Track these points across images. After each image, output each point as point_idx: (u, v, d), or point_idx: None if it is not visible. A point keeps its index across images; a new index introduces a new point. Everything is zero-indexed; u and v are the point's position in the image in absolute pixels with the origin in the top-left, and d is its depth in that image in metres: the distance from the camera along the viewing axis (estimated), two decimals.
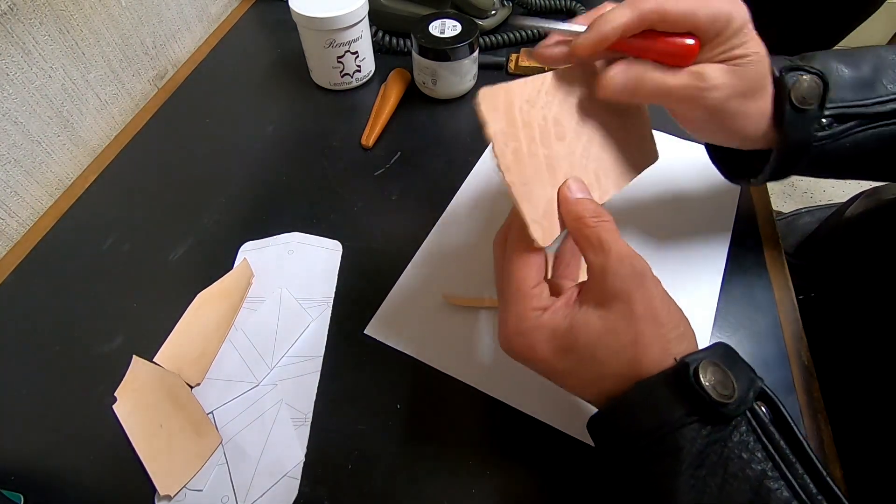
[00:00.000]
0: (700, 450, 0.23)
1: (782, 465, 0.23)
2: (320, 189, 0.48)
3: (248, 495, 0.32)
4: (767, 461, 0.23)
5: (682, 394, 0.24)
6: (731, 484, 0.23)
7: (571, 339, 0.27)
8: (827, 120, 0.32)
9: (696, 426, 0.23)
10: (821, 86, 0.31)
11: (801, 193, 1.56)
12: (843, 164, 0.34)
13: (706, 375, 0.23)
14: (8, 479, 0.33)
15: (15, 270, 0.43)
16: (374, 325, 0.39)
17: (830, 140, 0.32)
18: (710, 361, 0.24)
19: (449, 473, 0.33)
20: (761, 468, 0.23)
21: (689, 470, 0.23)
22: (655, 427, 0.24)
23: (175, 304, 0.40)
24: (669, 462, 0.23)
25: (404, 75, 0.56)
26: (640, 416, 0.25)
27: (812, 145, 0.32)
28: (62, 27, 0.47)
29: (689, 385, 0.23)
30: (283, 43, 0.63)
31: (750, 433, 0.24)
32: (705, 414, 0.23)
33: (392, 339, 0.38)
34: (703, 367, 0.24)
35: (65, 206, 0.48)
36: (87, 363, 0.38)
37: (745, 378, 0.25)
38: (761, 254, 0.42)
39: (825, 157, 0.33)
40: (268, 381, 0.37)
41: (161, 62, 0.60)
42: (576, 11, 0.64)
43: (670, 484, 0.23)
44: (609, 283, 0.26)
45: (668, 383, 0.24)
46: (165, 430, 0.34)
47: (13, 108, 0.45)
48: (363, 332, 0.39)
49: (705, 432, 0.23)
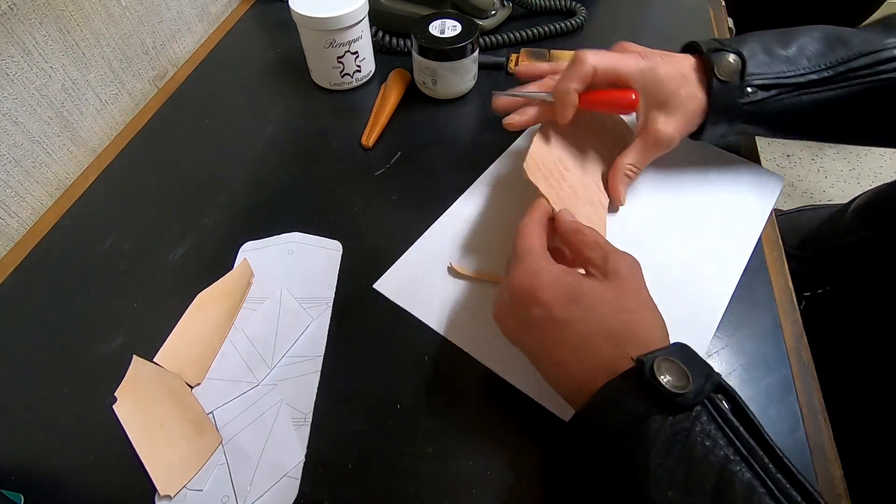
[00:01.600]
0: (665, 439, 0.25)
1: (743, 449, 0.25)
2: (320, 189, 0.48)
3: (248, 495, 0.32)
4: (729, 447, 0.25)
5: (642, 389, 0.26)
6: (696, 470, 0.24)
7: (577, 289, 0.30)
8: (752, 89, 0.39)
9: (659, 417, 0.25)
10: (739, 63, 0.39)
11: (801, 194, 1.56)
12: (774, 123, 0.41)
13: (660, 371, 0.26)
14: (8, 479, 0.33)
15: (15, 270, 0.43)
16: (384, 281, 0.41)
17: (754, 105, 0.39)
18: (664, 358, 0.26)
19: (449, 473, 0.33)
20: (724, 454, 0.24)
21: (656, 458, 0.25)
22: (624, 421, 0.26)
23: (175, 304, 0.40)
24: (639, 454, 0.25)
25: (404, 75, 0.56)
26: (610, 413, 0.27)
27: (737, 109, 0.40)
28: (62, 27, 0.47)
29: (647, 381, 0.26)
30: (283, 43, 0.63)
31: (711, 422, 0.25)
32: (666, 405, 0.25)
33: (400, 297, 0.40)
34: (657, 364, 0.26)
35: (65, 206, 0.48)
36: (87, 363, 0.38)
37: (700, 373, 0.26)
38: (761, 253, 0.42)
39: (754, 117, 0.40)
40: (268, 381, 0.37)
41: (161, 62, 0.60)
42: (575, 11, 0.64)
43: (641, 475, 0.25)
44: (610, 264, 0.31)
45: (629, 381, 0.27)
46: (165, 430, 0.34)
47: (13, 108, 0.45)
48: (373, 286, 0.41)
49: (668, 422, 0.25)
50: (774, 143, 1.74)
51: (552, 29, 0.62)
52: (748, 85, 0.39)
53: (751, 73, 0.39)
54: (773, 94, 0.39)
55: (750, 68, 0.39)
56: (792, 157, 1.69)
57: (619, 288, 0.30)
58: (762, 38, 0.40)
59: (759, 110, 0.40)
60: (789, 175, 1.63)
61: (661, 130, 0.41)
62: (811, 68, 0.39)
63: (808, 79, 0.39)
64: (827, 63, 0.38)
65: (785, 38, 0.40)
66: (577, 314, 0.30)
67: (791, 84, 0.39)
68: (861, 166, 1.60)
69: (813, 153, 1.70)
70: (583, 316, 0.29)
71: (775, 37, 0.40)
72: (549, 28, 0.61)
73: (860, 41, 0.38)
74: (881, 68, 0.37)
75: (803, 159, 1.68)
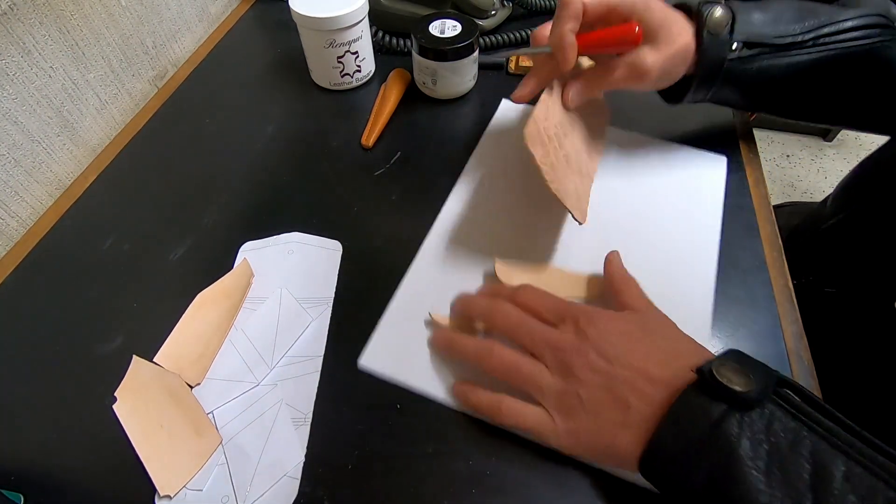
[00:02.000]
0: (750, 443, 0.25)
1: (826, 434, 0.25)
2: (320, 189, 0.48)
3: (248, 495, 0.32)
4: (813, 434, 0.25)
5: (711, 395, 0.26)
6: (789, 462, 0.25)
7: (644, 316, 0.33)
8: (738, 44, 0.40)
9: (735, 419, 0.26)
10: (730, 16, 0.39)
11: (801, 194, 1.56)
12: (751, 88, 0.42)
13: (721, 375, 0.26)
14: (8, 479, 0.33)
15: (15, 270, 0.43)
16: (369, 356, 0.37)
17: (739, 62, 0.40)
18: (721, 363, 0.27)
19: (449, 473, 0.33)
20: (809, 442, 0.25)
21: (749, 463, 0.25)
22: (703, 429, 0.26)
23: (175, 304, 0.40)
24: (730, 465, 0.25)
25: (404, 75, 0.56)
26: (687, 426, 0.27)
27: (725, 65, 0.40)
28: (62, 27, 0.47)
29: (714, 386, 0.26)
30: (283, 43, 0.63)
31: (787, 416, 0.26)
32: (738, 404, 0.26)
33: (388, 369, 0.36)
34: (716, 370, 0.26)
35: (65, 206, 0.48)
36: (87, 363, 0.38)
37: (759, 370, 0.27)
38: (761, 253, 0.42)
39: (736, 79, 0.41)
40: (268, 381, 0.37)
41: (161, 62, 0.60)
42: None
43: (742, 488, 0.25)
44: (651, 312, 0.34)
45: (697, 392, 0.27)
46: (165, 430, 0.34)
47: (13, 108, 0.45)
48: (357, 361, 0.37)
49: (746, 423, 0.25)
50: (774, 143, 1.74)
51: None
52: (735, 40, 0.39)
53: (739, 29, 0.39)
54: (756, 52, 0.40)
55: (738, 24, 0.39)
56: (792, 157, 1.69)
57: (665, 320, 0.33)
58: (743, 2, 0.41)
59: (741, 70, 0.40)
60: (789, 175, 1.63)
61: (640, 58, 0.39)
62: (788, 32, 0.40)
63: (786, 41, 0.40)
64: (801, 28, 0.40)
65: (764, 5, 0.41)
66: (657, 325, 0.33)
67: (771, 45, 0.40)
68: None
69: (813, 153, 1.70)
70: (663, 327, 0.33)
71: (754, 3, 0.41)
72: None
73: (825, 12, 0.41)
74: (842, 37, 0.40)
75: (803, 159, 1.68)
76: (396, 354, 0.37)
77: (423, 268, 0.42)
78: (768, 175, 1.44)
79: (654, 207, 0.45)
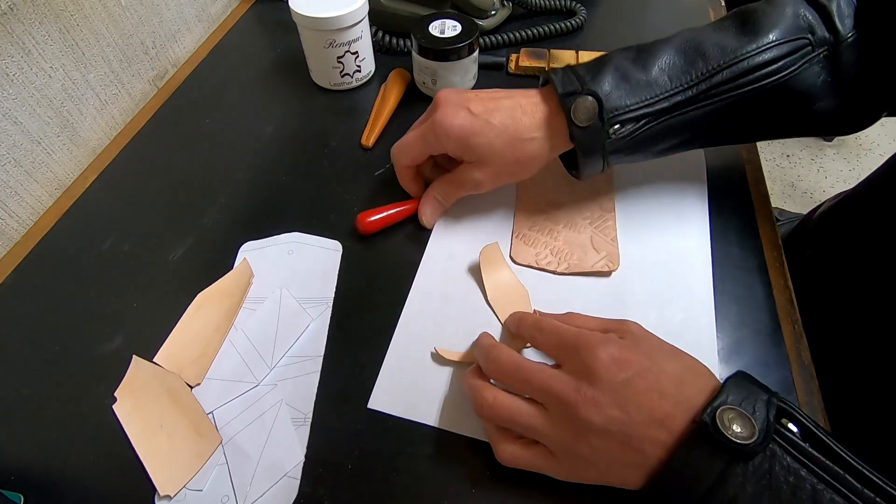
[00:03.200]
0: (752, 490, 0.25)
1: (825, 475, 0.25)
2: (320, 189, 0.48)
3: (248, 495, 0.32)
4: (811, 475, 0.25)
5: (712, 447, 0.26)
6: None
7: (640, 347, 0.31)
8: (617, 125, 0.36)
9: (738, 470, 0.25)
10: (596, 104, 0.36)
11: (801, 194, 1.56)
12: (650, 148, 0.39)
13: (724, 423, 0.25)
14: (8, 479, 0.33)
15: (15, 270, 0.43)
16: (377, 397, 0.36)
17: (623, 139, 0.37)
18: (725, 408, 0.26)
19: (449, 473, 0.33)
20: (809, 485, 0.25)
21: None
22: (708, 486, 0.25)
23: (175, 304, 0.40)
24: None
25: (404, 75, 0.56)
26: (690, 482, 0.26)
27: (605, 147, 0.37)
28: (62, 27, 0.47)
29: (716, 440, 0.25)
30: (283, 43, 0.63)
31: (786, 455, 0.25)
32: (741, 456, 0.25)
33: (398, 408, 0.35)
34: (719, 418, 0.26)
35: (65, 206, 0.48)
36: (87, 363, 0.38)
37: (761, 404, 0.26)
38: (761, 254, 0.42)
39: (628, 149, 0.38)
40: (268, 381, 0.37)
41: (161, 62, 0.60)
42: (575, 11, 0.64)
43: None
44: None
45: (699, 443, 0.26)
46: (165, 430, 0.34)
47: (13, 108, 0.45)
48: (368, 405, 0.35)
49: (749, 471, 0.25)
50: (774, 143, 1.74)
51: (552, 29, 0.62)
52: (611, 125, 0.36)
53: (611, 111, 0.36)
54: (642, 124, 0.37)
55: (608, 106, 0.36)
56: (792, 158, 1.69)
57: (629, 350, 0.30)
58: (621, 62, 0.37)
59: (631, 143, 0.37)
60: (789, 175, 1.63)
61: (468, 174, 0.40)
62: (674, 88, 0.36)
63: (672, 101, 0.36)
64: (689, 81, 0.36)
65: (644, 58, 0.37)
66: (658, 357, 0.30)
67: (656, 111, 0.36)
68: (861, 166, 1.60)
69: (813, 153, 1.70)
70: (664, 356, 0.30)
71: (634, 57, 0.38)
72: (549, 28, 0.61)
73: (717, 51, 0.36)
74: (741, 81, 0.36)
75: (803, 159, 1.68)
76: (405, 393, 0.36)
77: (417, 301, 0.40)
78: (768, 175, 1.44)
79: (644, 214, 0.45)
